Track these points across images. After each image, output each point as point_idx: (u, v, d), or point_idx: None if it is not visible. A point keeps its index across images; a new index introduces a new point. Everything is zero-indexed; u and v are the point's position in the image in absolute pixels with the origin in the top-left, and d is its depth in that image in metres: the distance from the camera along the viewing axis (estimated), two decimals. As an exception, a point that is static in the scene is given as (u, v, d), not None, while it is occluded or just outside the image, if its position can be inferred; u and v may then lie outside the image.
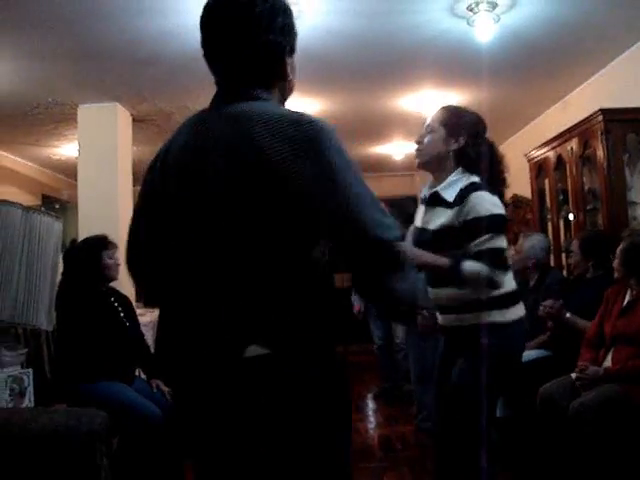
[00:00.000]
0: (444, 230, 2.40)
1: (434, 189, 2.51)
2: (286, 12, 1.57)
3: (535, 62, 4.87)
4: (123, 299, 3.70)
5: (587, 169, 4.76)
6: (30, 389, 2.65)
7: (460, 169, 2.48)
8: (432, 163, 2.57)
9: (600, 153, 4.35)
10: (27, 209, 2.62)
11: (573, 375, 3.26)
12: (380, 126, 7.02)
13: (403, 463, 4.03)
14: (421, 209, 2.64)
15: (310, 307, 1.39)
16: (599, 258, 3.92)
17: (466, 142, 2.49)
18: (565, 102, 5.94)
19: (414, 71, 5.15)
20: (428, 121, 2.63)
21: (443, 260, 2.31)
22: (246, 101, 1.47)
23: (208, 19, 1.59)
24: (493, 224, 2.31)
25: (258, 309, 1.35)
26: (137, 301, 4.66)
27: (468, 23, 4.08)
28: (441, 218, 2.43)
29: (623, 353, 3.18)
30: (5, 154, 7.38)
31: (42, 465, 1.90)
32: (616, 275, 3.42)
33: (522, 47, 4.50)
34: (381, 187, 9.63)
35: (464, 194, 2.37)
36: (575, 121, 4.75)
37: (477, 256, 2.28)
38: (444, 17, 4.12)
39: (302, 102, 5.78)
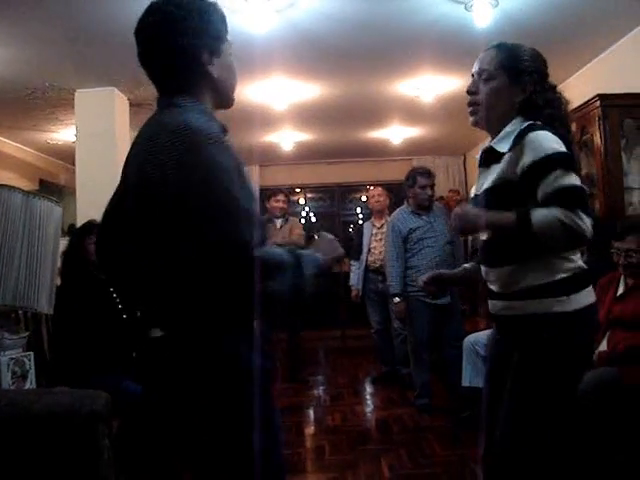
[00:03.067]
0: (496, 187, 2.00)
1: (489, 144, 2.09)
2: (203, 14, 1.63)
3: (534, 47, 4.86)
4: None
5: (584, 154, 4.77)
6: (32, 372, 2.68)
7: (519, 118, 2.04)
8: (493, 119, 2.09)
9: (597, 139, 4.37)
10: (27, 194, 2.63)
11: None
12: (378, 111, 7.02)
13: (400, 445, 4.07)
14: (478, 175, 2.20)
15: (200, 299, 1.48)
16: (595, 243, 3.93)
17: (534, 89, 2.04)
18: (563, 87, 5.94)
19: (412, 56, 5.15)
20: (479, 65, 2.13)
21: (506, 215, 1.90)
22: (166, 108, 1.60)
23: (136, 28, 1.70)
24: (561, 160, 1.86)
25: (159, 300, 1.58)
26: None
27: (466, 8, 4.09)
28: (495, 174, 2.01)
29: (618, 337, 3.21)
30: (2, 139, 7.38)
31: (45, 445, 1.93)
32: (622, 261, 3.30)
33: (520, 32, 4.49)
34: (379, 172, 9.69)
35: (520, 136, 1.94)
36: (573, 106, 4.75)
37: (547, 201, 1.84)
38: (442, 2, 4.12)
39: (300, 86, 5.79)
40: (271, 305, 1.49)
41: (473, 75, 2.15)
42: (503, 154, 1.98)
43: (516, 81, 2.04)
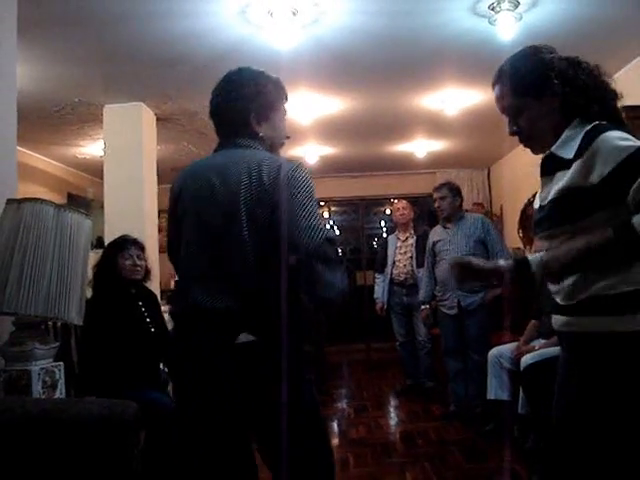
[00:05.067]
0: (565, 197, 1.79)
1: (549, 151, 1.90)
2: (256, 85, 2.13)
3: (557, 60, 4.86)
4: (149, 297, 3.75)
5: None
6: (61, 382, 2.72)
7: (576, 121, 1.86)
8: (550, 139, 1.91)
9: (623, 151, 4.34)
10: (58, 207, 2.68)
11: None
12: (402, 124, 7.04)
13: (425, 459, 4.06)
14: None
15: (285, 308, 1.87)
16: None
17: (564, 92, 1.86)
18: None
19: (436, 70, 5.18)
20: (500, 106, 2.03)
21: (597, 236, 1.68)
22: (236, 148, 2.07)
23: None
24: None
25: (247, 308, 1.90)
26: (162, 298, 4.73)
27: (490, 22, 4.10)
28: (562, 182, 1.80)
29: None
30: (32, 153, 7.49)
31: (75, 454, 1.96)
32: None
33: (544, 45, 4.51)
34: (403, 185, 9.69)
35: (590, 138, 1.74)
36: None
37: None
38: (466, 16, 4.14)
39: (324, 100, 5.83)
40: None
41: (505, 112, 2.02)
42: (568, 160, 1.79)
43: (541, 94, 1.89)
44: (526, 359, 4.02)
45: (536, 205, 2.01)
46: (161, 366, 3.70)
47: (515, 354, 4.27)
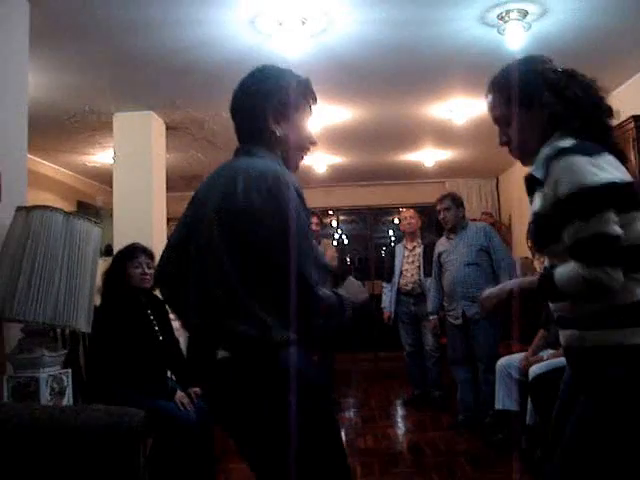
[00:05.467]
0: (535, 220, 1.84)
1: (529, 172, 1.89)
2: (277, 81, 2.00)
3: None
4: (158, 305, 3.75)
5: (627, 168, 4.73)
6: (69, 389, 2.73)
7: (555, 136, 1.83)
8: (532, 152, 1.90)
9: (632, 160, 4.33)
10: (68, 214, 2.70)
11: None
12: (411, 134, 7.05)
13: (433, 469, 4.04)
14: None
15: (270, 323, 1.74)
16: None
17: (552, 104, 1.83)
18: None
19: (445, 79, 5.19)
20: (491, 115, 2.02)
21: (533, 280, 1.81)
22: (245, 156, 1.94)
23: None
24: (580, 202, 1.63)
25: (225, 325, 1.78)
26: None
27: (499, 32, 4.10)
28: (534, 205, 1.84)
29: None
30: (42, 161, 7.54)
31: (83, 460, 1.96)
32: None
33: (553, 55, 4.45)
34: (412, 194, 9.69)
35: (550, 164, 1.72)
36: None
37: (569, 253, 1.67)
38: (475, 26, 4.14)
39: (333, 110, 5.84)
40: (320, 336, 1.87)
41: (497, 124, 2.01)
42: (542, 181, 1.78)
43: (531, 106, 1.86)
44: (534, 369, 4.00)
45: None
46: (168, 374, 3.71)
47: (523, 364, 4.26)
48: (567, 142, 1.76)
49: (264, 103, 1.94)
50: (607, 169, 1.66)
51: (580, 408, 1.71)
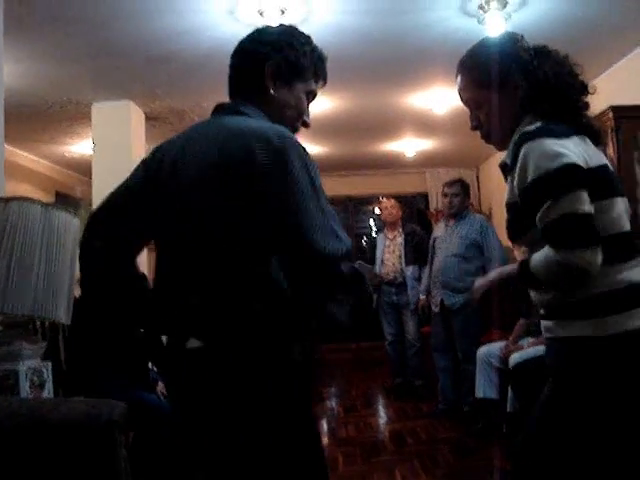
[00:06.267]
0: (508, 207, 1.78)
1: (502, 158, 1.83)
2: (289, 38, 1.76)
3: (546, 59, 4.88)
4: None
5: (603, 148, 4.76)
6: (49, 381, 2.71)
7: (526, 119, 1.76)
8: (504, 137, 1.84)
9: (610, 151, 4.36)
10: (46, 205, 2.67)
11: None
12: (391, 123, 7.05)
13: (414, 457, 4.07)
14: None
15: (251, 308, 1.48)
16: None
17: (520, 84, 1.76)
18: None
19: (425, 69, 5.19)
20: (462, 98, 1.96)
21: (510, 268, 1.79)
22: (235, 115, 1.64)
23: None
24: (547, 185, 1.57)
25: (199, 307, 1.51)
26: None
27: (479, 21, 4.11)
28: (505, 195, 1.79)
29: None
30: (19, 152, 7.46)
31: (63, 453, 1.95)
32: None
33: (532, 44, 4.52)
34: (393, 184, 9.70)
35: (516, 150, 1.66)
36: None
37: (543, 238, 1.59)
38: (455, 16, 4.16)
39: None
40: (336, 320, 1.54)
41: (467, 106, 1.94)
42: (511, 168, 1.72)
43: (502, 87, 1.79)
44: (515, 357, 4.04)
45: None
46: (150, 365, 3.69)
47: (504, 353, 4.29)
48: (532, 126, 1.68)
49: (268, 53, 1.70)
50: (574, 151, 1.60)
51: (544, 393, 1.72)
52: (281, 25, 1.83)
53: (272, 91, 1.70)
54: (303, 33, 1.82)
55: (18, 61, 4.55)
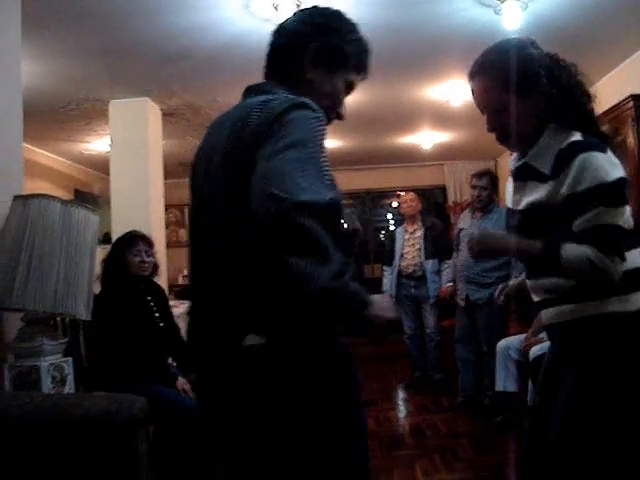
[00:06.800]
0: (534, 209, 1.84)
1: (523, 160, 1.90)
2: (338, 22, 1.68)
3: (564, 49, 4.75)
4: (157, 292, 3.74)
5: (618, 157, 4.72)
6: (70, 377, 2.73)
7: (553, 126, 1.83)
8: (527, 140, 1.88)
9: (631, 140, 4.33)
10: (65, 203, 2.69)
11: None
12: (408, 116, 7.02)
13: (434, 451, 4.06)
14: (510, 186, 2.06)
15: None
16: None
17: (550, 92, 1.81)
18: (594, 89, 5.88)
19: (441, 60, 5.16)
20: (480, 102, 1.94)
21: (534, 245, 1.79)
22: (257, 95, 1.53)
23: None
24: (606, 195, 1.69)
25: (256, 301, 1.38)
26: (169, 293, 4.74)
27: (495, 12, 4.08)
28: (533, 195, 1.84)
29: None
30: (38, 150, 7.51)
31: (85, 448, 1.97)
32: None
33: (550, 34, 4.46)
34: (410, 178, 9.68)
35: (565, 159, 1.74)
36: (605, 108, 4.71)
37: (583, 235, 1.70)
38: (471, 6, 4.12)
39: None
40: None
41: (482, 111, 1.94)
42: (543, 174, 1.80)
43: (529, 93, 1.82)
44: (534, 350, 4.00)
45: (509, 204, 2.07)
46: (169, 360, 3.71)
47: (523, 345, 4.26)
48: (576, 137, 1.77)
49: (311, 35, 1.60)
50: (618, 165, 1.76)
51: (570, 387, 1.78)
52: (328, 8, 1.72)
53: (310, 75, 1.60)
54: (351, 20, 1.72)
55: (35, 59, 4.57)
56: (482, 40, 1.92)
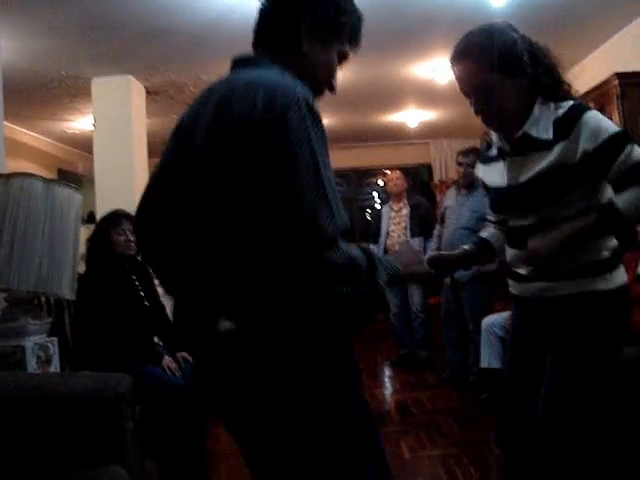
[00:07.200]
0: (551, 174, 1.87)
1: (521, 131, 1.93)
2: (340, 2, 1.56)
3: (549, 27, 4.81)
4: (142, 270, 3.72)
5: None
6: (56, 357, 2.72)
7: (540, 100, 1.92)
8: (513, 118, 1.95)
9: (616, 117, 4.33)
10: (47, 181, 2.66)
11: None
12: (394, 94, 7.00)
13: (420, 427, 4.09)
14: (496, 167, 2.10)
15: (288, 282, 1.33)
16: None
17: (535, 72, 1.90)
18: (580, 67, 5.89)
19: (427, 38, 5.13)
20: (466, 84, 1.98)
21: (585, 220, 1.83)
22: (246, 68, 1.47)
23: None
24: (626, 136, 1.82)
25: (232, 283, 1.35)
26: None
27: (481, -12, 4.06)
28: (542, 163, 1.88)
29: (637, 318, 3.19)
30: (20, 129, 7.43)
31: (71, 427, 1.97)
32: None
33: (536, 12, 4.46)
34: (396, 156, 9.67)
35: (569, 122, 1.84)
36: (591, 86, 4.72)
37: (624, 178, 1.79)
38: (457, -18, 4.10)
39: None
40: (335, 308, 1.39)
41: (468, 95, 1.98)
42: (546, 141, 1.87)
43: (515, 73, 1.88)
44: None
45: (497, 183, 2.05)
46: (155, 339, 3.71)
47: (508, 322, 4.29)
48: (568, 103, 1.89)
49: (306, 5, 1.52)
50: None
51: (563, 345, 1.92)
52: None
53: (306, 47, 1.53)
54: None
55: (14, 36, 4.51)
56: (468, 17, 1.93)
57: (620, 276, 1.92)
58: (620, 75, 4.28)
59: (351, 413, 1.45)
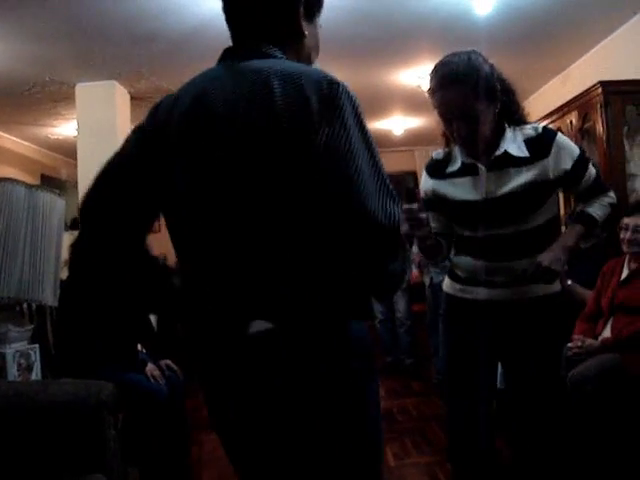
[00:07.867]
0: (529, 186, 2.12)
1: (502, 150, 2.14)
2: None
3: (534, 35, 4.85)
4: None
5: (587, 142, 4.76)
6: (37, 364, 2.69)
7: (505, 124, 2.18)
8: (486, 141, 2.18)
9: (599, 126, 4.35)
10: (30, 187, 2.64)
11: (570, 345, 3.21)
12: (379, 101, 7.00)
13: (405, 434, 4.08)
14: (462, 181, 2.26)
15: (324, 278, 1.24)
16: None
17: (502, 98, 2.15)
18: (564, 74, 5.93)
19: (412, 45, 5.14)
20: (456, 109, 2.10)
21: (574, 232, 2.26)
22: (260, 58, 1.32)
23: None
24: (584, 156, 2.24)
25: (265, 279, 1.23)
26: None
27: (466, -4, 4.07)
28: (521, 177, 2.13)
29: (622, 323, 3.20)
30: (3, 134, 7.38)
31: (52, 435, 1.94)
32: (628, 236, 3.28)
33: (521, 20, 4.48)
34: (381, 163, 9.67)
35: (546, 143, 2.15)
36: (574, 94, 4.74)
37: (591, 191, 2.26)
38: (442, -10, 4.11)
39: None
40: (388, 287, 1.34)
41: (454, 119, 2.12)
42: (524, 158, 2.14)
43: (494, 99, 2.12)
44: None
45: (467, 197, 2.23)
46: (139, 347, 3.68)
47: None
48: (533, 125, 2.24)
49: None
50: None
51: (536, 337, 2.26)
52: None
53: (306, 32, 1.43)
54: None
55: (-2, 40, 4.47)
56: (453, 25, 1.94)
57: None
58: (604, 83, 4.29)
59: (380, 427, 1.50)
